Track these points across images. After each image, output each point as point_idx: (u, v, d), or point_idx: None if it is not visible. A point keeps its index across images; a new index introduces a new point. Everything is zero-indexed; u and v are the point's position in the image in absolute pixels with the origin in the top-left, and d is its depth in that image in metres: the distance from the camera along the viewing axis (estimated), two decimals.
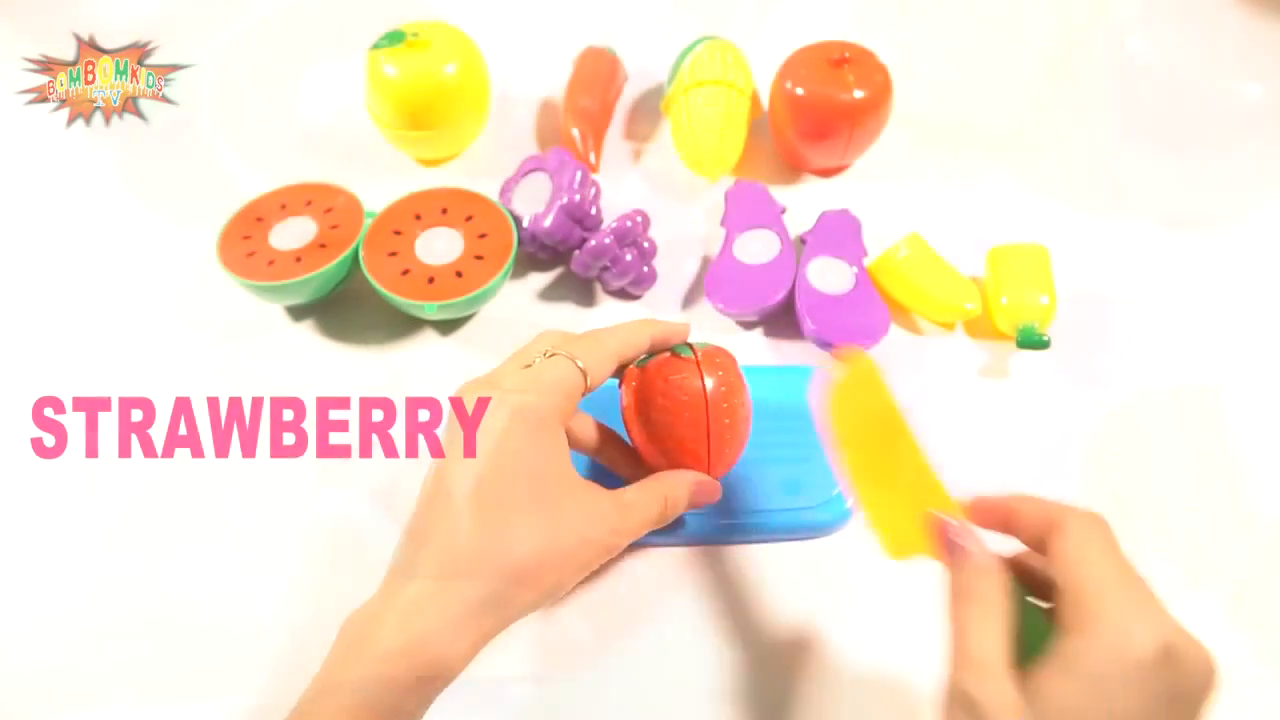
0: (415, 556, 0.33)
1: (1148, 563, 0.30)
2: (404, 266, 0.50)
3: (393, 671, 0.30)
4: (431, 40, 0.57)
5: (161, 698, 0.40)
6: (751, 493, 0.44)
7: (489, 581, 0.32)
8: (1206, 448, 0.47)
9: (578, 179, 0.52)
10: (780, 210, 0.55)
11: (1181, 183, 0.60)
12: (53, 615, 0.43)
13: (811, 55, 0.56)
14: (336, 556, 0.44)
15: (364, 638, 0.31)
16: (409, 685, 0.30)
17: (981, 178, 0.60)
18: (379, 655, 0.31)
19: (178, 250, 0.56)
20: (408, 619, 0.31)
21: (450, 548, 0.32)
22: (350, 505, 0.46)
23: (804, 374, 0.47)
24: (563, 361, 0.36)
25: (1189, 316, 0.53)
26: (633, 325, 0.40)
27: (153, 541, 0.45)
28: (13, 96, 0.60)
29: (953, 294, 0.50)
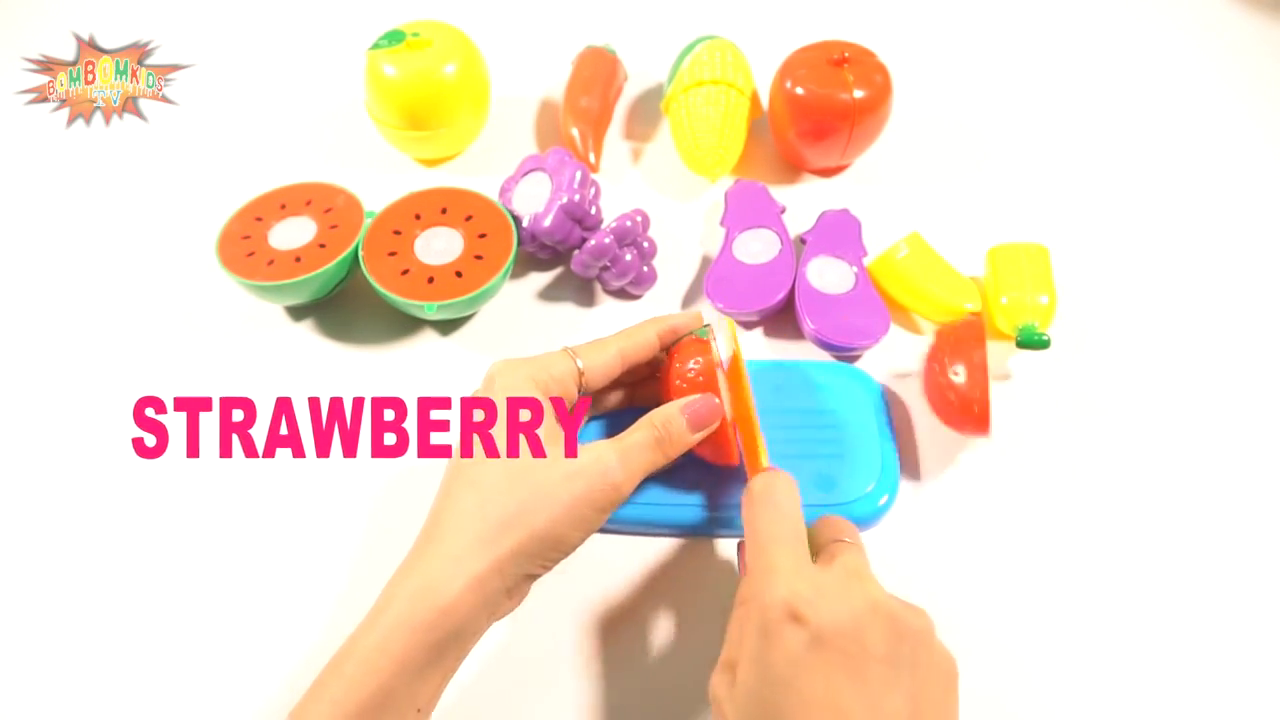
0: (444, 507, 0.36)
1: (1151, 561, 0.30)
2: (404, 266, 0.50)
3: (399, 619, 0.33)
4: (431, 40, 0.57)
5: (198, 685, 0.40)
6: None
7: (474, 524, 0.35)
8: (1208, 445, 0.47)
9: (577, 179, 0.52)
10: (780, 210, 0.55)
11: (1182, 182, 0.60)
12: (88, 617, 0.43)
13: (811, 55, 0.56)
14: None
15: (396, 583, 0.35)
16: (414, 629, 0.33)
17: (981, 177, 0.60)
18: (408, 595, 0.34)
19: (178, 250, 0.56)
20: (431, 563, 0.34)
21: (440, 512, 0.36)
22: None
23: (845, 371, 0.48)
24: (561, 354, 0.40)
25: (1191, 315, 0.53)
26: (636, 326, 0.42)
27: (207, 541, 0.45)
28: (13, 96, 0.60)
29: (952, 293, 0.50)
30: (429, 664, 0.33)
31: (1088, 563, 0.44)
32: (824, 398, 0.46)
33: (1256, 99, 0.65)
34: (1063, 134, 0.63)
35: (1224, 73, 0.67)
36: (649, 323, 0.42)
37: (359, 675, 0.32)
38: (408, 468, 0.46)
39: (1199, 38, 0.70)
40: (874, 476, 0.44)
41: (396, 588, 0.34)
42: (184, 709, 0.40)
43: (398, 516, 0.39)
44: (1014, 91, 0.66)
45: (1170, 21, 0.71)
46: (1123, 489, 0.46)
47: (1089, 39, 0.70)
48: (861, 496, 0.44)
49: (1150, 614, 0.42)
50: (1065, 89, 0.66)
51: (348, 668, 0.33)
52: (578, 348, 0.40)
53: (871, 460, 0.44)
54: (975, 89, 0.66)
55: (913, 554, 0.44)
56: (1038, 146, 0.62)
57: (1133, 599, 0.42)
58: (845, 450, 0.45)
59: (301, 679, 0.34)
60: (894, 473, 0.44)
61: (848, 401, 0.46)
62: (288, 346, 0.52)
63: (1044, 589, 0.43)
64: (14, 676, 0.41)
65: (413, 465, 0.46)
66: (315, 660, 0.34)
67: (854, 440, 0.45)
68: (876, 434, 0.45)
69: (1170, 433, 0.48)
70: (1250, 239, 0.57)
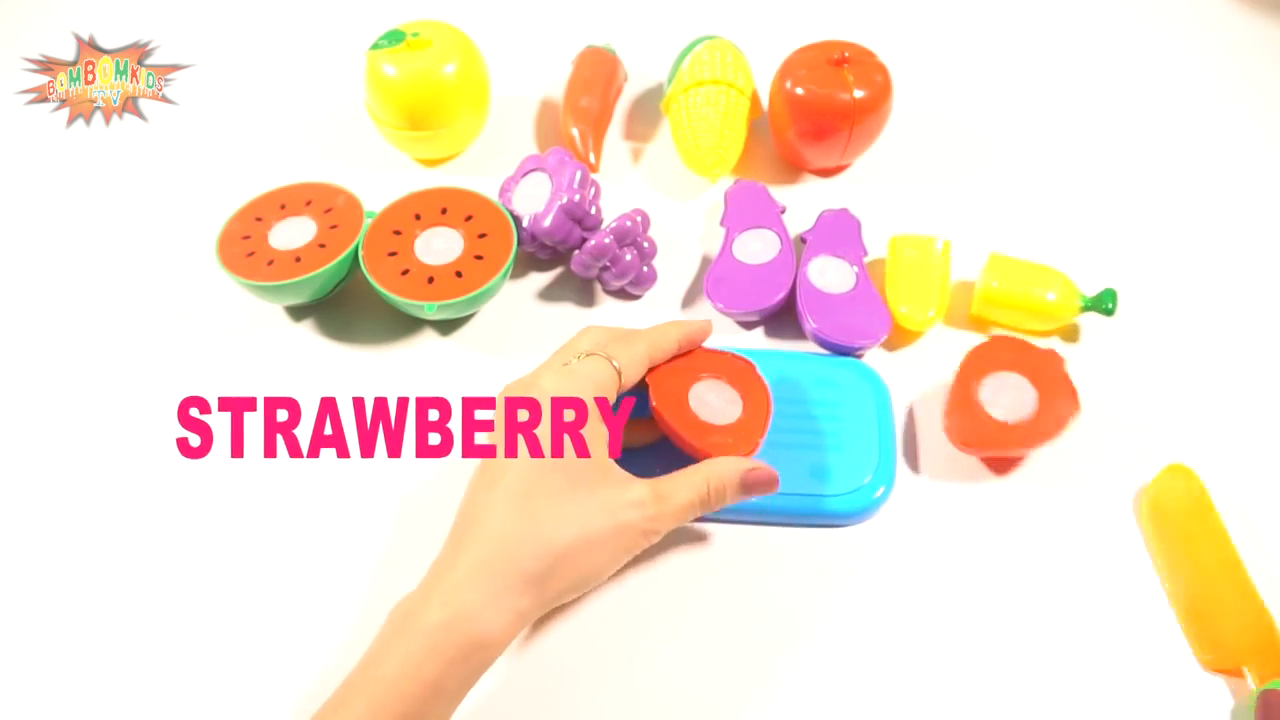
0: (459, 545, 0.35)
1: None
2: (404, 266, 0.50)
3: (435, 645, 0.32)
4: (431, 40, 0.57)
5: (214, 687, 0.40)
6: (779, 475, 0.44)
7: (525, 562, 0.34)
8: (1208, 444, 0.47)
9: (577, 179, 0.52)
10: (780, 210, 0.55)
11: (1182, 182, 0.60)
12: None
13: (811, 55, 0.56)
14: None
15: (409, 616, 0.33)
16: (450, 659, 0.32)
17: (981, 177, 0.60)
18: (423, 631, 0.33)
19: (178, 250, 0.56)
20: (449, 598, 0.33)
21: (490, 534, 0.34)
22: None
23: (847, 364, 0.48)
24: (599, 360, 0.39)
25: (1190, 315, 0.53)
26: (663, 328, 0.42)
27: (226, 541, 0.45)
28: (13, 96, 0.60)
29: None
30: (459, 690, 0.33)
31: (1088, 561, 0.44)
32: (824, 389, 0.47)
33: (1256, 99, 0.65)
34: (1063, 134, 0.63)
35: (1224, 73, 0.67)
36: (672, 326, 0.42)
37: (386, 699, 0.32)
38: (444, 468, 0.47)
39: (1199, 38, 0.70)
40: (871, 468, 0.44)
41: (426, 609, 0.33)
42: (203, 709, 0.40)
43: (423, 520, 0.40)
44: (1014, 91, 0.66)
45: (1170, 21, 0.71)
46: (1120, 488, 0.46)
47: (1089, 39, 0.70)
48: (856, 489, 0.44)
49: (1148, 613, 0.42)
50: (1065, 89, 0.66)
51: (373, 690, 0.32)
52: (612, 349, 0.40)
53: (869, 452, 0.45)
54: (975, 89, 0.66)
55: (910, 547, 0.44)
56: (1038, 146, 0.62)
57: (1132, 598, 0.42)
58: (844, 442, 0.45)
59: (318, 685, 0.34)
60: (891, 465, 0.45)
61: (849, 394, 0.47)
62: (288, 346, 0.52)
63: (1042, 585, 0.43)
64: (26, 677, 0.41)
65: (449, 466, 0.47)
66: (333, 666, 0.34)
67: (853, 432, 0.45)
68: (875, 426, 0.45)
69: (1169, 431, 0.48)
70: (1250, 238, 0.57)
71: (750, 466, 0.39)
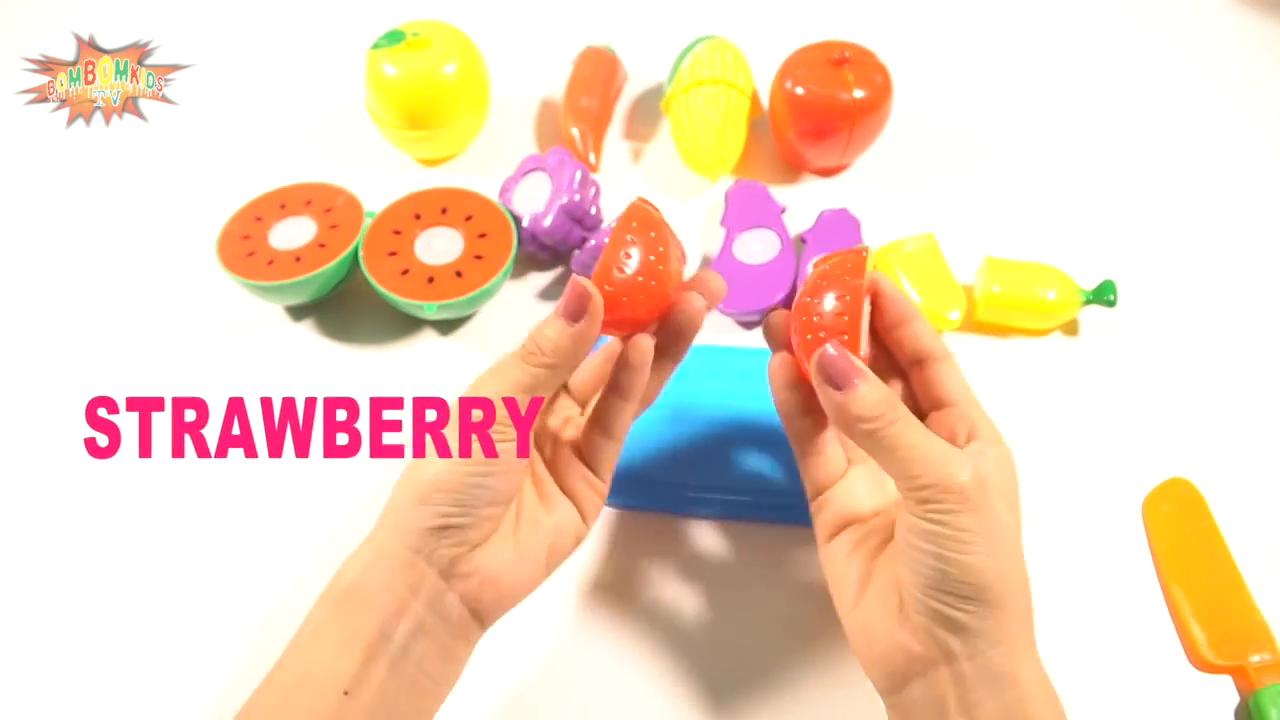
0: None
1: None
2: (404, 266, 0.50)
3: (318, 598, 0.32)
4: (431, 40, 0.57)
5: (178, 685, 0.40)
6: (777, 473, 0.44)
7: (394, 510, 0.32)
8: (1205, 442, 0.47)
9: (577, 178, 0.52)
10: (780, 210, 0.55)
11: (1182, 182, 0.60)
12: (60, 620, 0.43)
13: (811, 55, 0.56)
14: None
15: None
16: (322, 597, 0.32)
17: (982, 177, 0.60)
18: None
19: (178, 250, 0.56)
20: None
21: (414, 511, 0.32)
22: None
23: None
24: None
25: (1189, 314, 0.53)
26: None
27: (188, 539, 0.45)
28: (13, 96, 0.60)
29: (939, 301, 0.50)
30: (345, 637, 0.30)
31: (1088, 561, 0.44)
32: None
33: (1257, 99, 0.65)
34: (1063, 133, 0.63)
35: (1224, 73, 0.67)
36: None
37: (285, 662, 0.31)
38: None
39: (1199, 38, 0.70)
40: None
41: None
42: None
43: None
44: (1014, 91, 0.66)
45: (1170, 21, 0.71)
46: (1123, 491, 0.46)
47: (1089, 39, 0.70)
48: None
49: (1148, 614, 0.42)
50: (1065, 89, 0.66)
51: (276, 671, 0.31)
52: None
53: None
54: (976, 89, 0.66)
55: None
56: (1038, 146, 0.62)
57: (1132, 600, 0.43)
58: None
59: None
60: None
61: None
62: (288, 346, 0.52)
63: (1043, 585, 0.43)
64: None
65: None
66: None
67: None
68: None
69: (1168, 428, 0.48)
70: (1250, 238, 0.57)
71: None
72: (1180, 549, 0.43)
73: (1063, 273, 0.50)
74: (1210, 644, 0.40)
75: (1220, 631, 0.41)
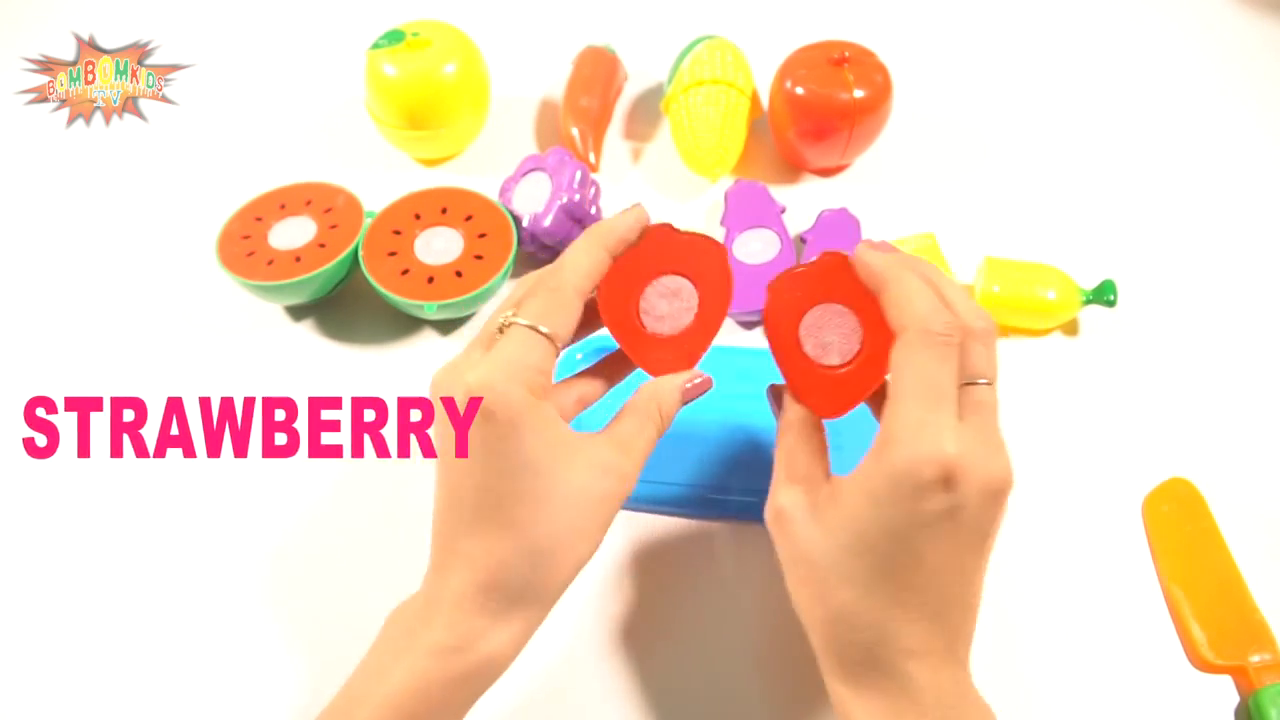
0: (448, 557, 0.33)
1: None
2: (403, 266, 0.50)
3: (442, 666, 0.31)
4: (431, 40, 0.57)
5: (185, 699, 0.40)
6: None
7: (522, 576, 0.32)
8: (1204, 441, 0.47)
9: (577, 178, 0.52)
10: (780, 210, 0.55)
11: (1182, 182, 0.60)
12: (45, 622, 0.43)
13: (811, 55, 0.56)
14: (356, 553, 0.44)
15: (413, 633, 0.32)
16: (459, 679, 0.31)
17: (982, 176, 0.60)
18: (430, 650, 0.31)
19: (178, 250, 0.56)
20: (454, 621, 0.32)
21: (479, 554, 0.32)
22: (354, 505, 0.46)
23: None
24: (522, 333, 0.33)
25: (1188, 314, 0.53)
26: (583, 252, 0.35)
27: (169, 540, 0.45)
28: (13, 96, 0.60)
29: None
30: (464, 706, 0.32)
31: (1088, 562, 0.44)
32: None
33: (1257, 99, 0.65)
34: (1063, 133, 0.63)
35: (1224, 73, 0.67)
36: (594, 243, 0.35)
37: (390, 715, 0.31)
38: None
39: (1199, 38, 0.70)
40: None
41: (429, 630, 0.32)
42: None
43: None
44: (1014, 91, 0.66)
45: (1170, 21, 0.71)
46: (1123, 491, 0.46)
47: (1089, 39, 0.70)
48: None
49: (1148, 615, 0.42)
50: (1065, 88, 0.66)
51: (377, 705, 0.31)
52: (532, 310, 0.34)
53: (867, 441, 0.44)
54: (976, 89, 0.66)
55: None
56: (1038, 146, 0.62)
57: (1132, 601, 0.43)
58: (845, 441, 0.45)
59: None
60: None
61: None
62: (288, 346, 0.52)
63: (1042, 586, 0.43)
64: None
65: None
66: None
67: (853, 431, 0.45)
68: (876, 426, 0.45)
69: (1168, 428, 0.48)
70: (1250, 238, 0.57)
71: (688, 381, 0.37)
72: (1180, 549, 0.43)
73: (1063, 273, 0.50)
74: (1210, 644, 0.40)
75: (1220, 631, 0.41)
